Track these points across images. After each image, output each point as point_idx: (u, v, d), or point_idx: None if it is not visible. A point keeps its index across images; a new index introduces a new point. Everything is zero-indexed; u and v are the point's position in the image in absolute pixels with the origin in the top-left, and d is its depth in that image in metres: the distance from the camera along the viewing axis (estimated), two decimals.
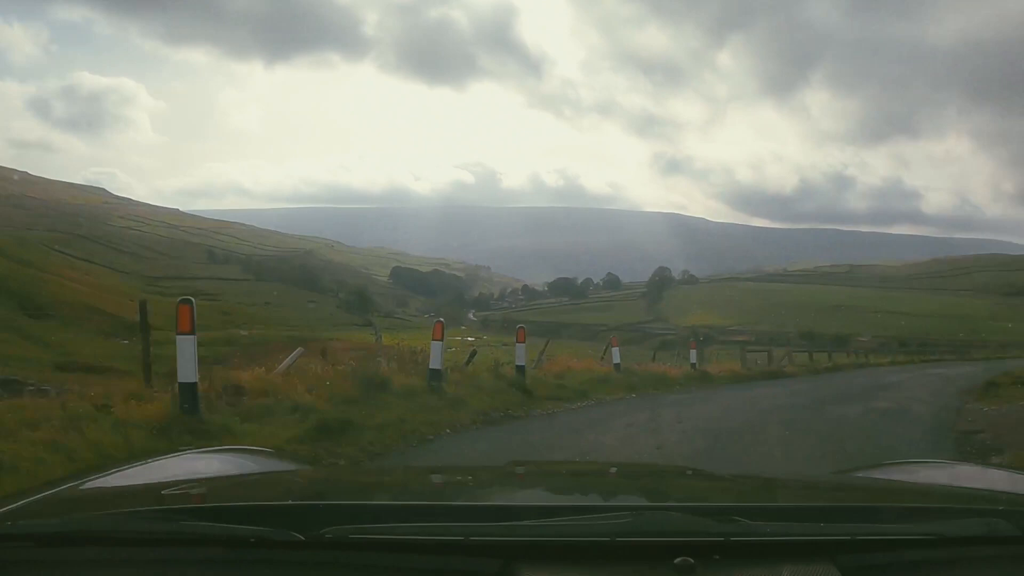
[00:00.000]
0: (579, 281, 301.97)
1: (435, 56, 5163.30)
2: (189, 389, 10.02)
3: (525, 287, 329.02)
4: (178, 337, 10.15)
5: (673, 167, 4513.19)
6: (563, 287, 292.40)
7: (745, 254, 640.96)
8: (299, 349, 15.72)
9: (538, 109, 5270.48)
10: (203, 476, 2.75)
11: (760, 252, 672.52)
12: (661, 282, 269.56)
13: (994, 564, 1.87)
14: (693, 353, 32.11)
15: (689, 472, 3.52)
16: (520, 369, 19.27)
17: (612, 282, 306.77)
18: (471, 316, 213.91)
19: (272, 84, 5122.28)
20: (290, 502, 2.20)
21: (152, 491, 2.33)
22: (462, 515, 1.95)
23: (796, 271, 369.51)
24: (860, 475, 3.44)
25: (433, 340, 16.12)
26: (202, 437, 9.30)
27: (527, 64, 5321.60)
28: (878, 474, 3.36)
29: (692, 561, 1.65)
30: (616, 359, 25.70)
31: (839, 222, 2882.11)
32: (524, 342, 20.01)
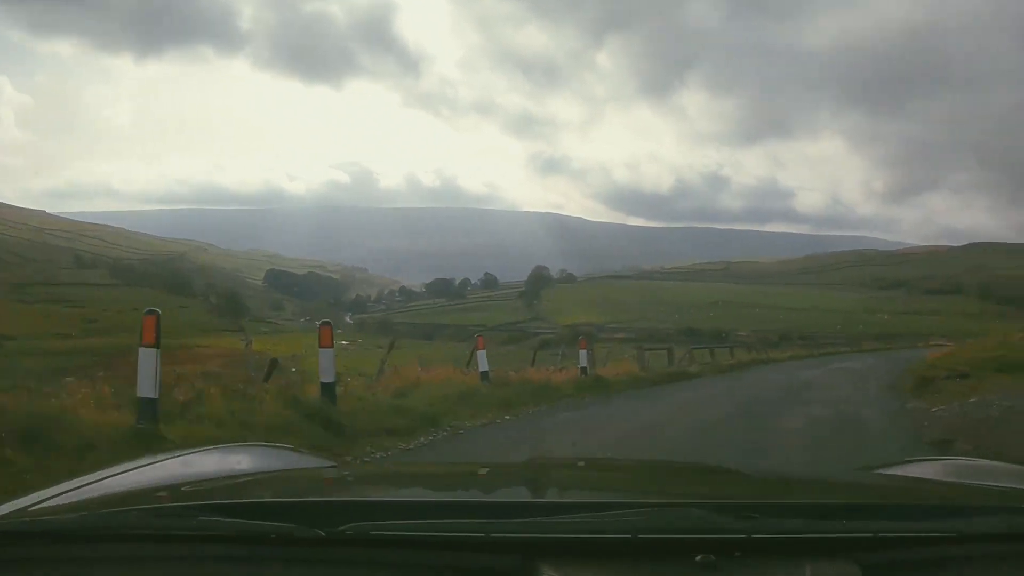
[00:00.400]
0: (457, 282, 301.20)
1: (312, 52, 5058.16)
2: None
3: (402, 288, 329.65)
4: None
5: (551, 167, 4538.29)
6: (441, 288, 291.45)
7: (623, 253, 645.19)
8: None
9: (416, 108, 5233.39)
10: (223, 472, 2.72)
11: (638, 251, 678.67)
12: (539, 281, 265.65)
13: (1015, 561, 1.85)
14: (583, 354, 25.61)
15: (710, 469, 3.70)
16: (327, 389, 12.53)
17: (490, 282, 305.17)
18: (348, 319, 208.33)
19: (144, 79, 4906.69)
20: (311, 498, 2.21)
21: (172, 487, 2.31)
22: (483, 511, 1.94)
23: (673, 269, 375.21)
24: (881, 472, 3.41)
25: (141, 346, 9.36)
26: None
27: (405, 62, 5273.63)
28: (898, 471, 3.35)
29: (714, 558, 1.65)
30: (483, 366, 19.84)
31: (715, 221, 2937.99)
32: (331, 346, 12.83)
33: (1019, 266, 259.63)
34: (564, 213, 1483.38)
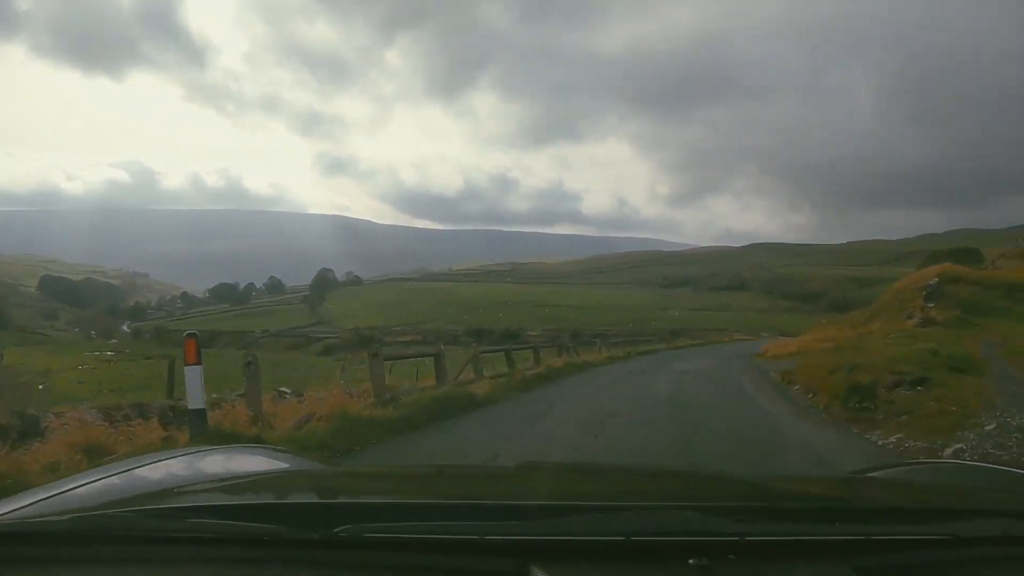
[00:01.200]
0: (241, 286, 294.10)
1: (93, 38, 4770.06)
2: None
3: (185, 294, 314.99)
4: None
5: (338, 167, 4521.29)
6: (225, 293, 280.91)
7: (411, 255, 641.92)
8: None
9: (199, 103, 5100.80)
10: (217, 474, 2.72)
11: (426, 253, 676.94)
12: (324, 284, 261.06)
13: (1009, 564, 1.85)
14: (194, 378, 9.94)
15: (703, 472, 4.02)
16: None
17: (275, 286, 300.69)
18: (125, 328, 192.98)
19: None
20: (304, 500, 2.21)
21: (165, 489, 2.32)
22: (477, 514, 1.91)
23: (462, 270, 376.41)
24: (875, 475, 3.44)
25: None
26: None
27: (190, 52, 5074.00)
28: (892, 474, 3.40)
29: (708, 561, 1.64)
30: None
31: (503, 223, 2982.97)
32: None
33: (799, 264, 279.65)
34: (351, 215, 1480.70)
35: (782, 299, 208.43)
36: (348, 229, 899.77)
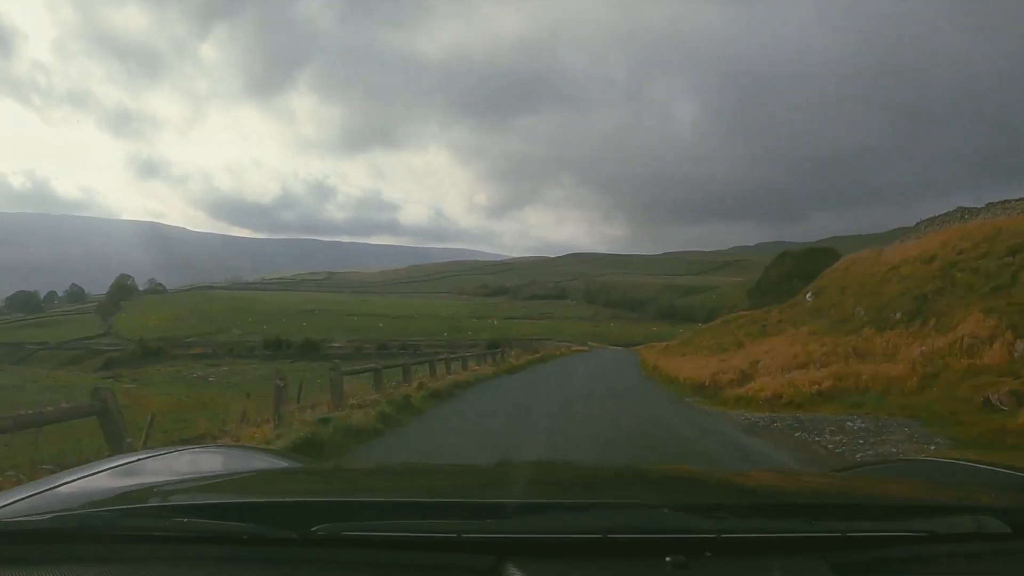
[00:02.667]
0: (43, 295, 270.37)
1: None
2: None
3: None
4: None
5: (151, 171, 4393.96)
6: (22, 301, 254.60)
7: (225, 264, 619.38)
8: None
9: (4, 96, 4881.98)
10: (197, 473, 2.72)
11: (241, 262, 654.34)
12: (121, 292, 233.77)
13: (983, 560, 1.84)
14: None
15: (680, 470, 3.88)
16: None
17: (76, 294, 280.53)
18: None
19: None
20: (283, 499, 2.16)
21: (145, 488, 2.29)
22: (455, 512, 1.90)
23: (274, 279, 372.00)
24: (851, 472, 3.56)
25: None
26: None
27: None
28: (869, 471, 3.51)
29: (684, 558, 1.63)
30: None
31: (320, 233, 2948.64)
32: None
33: (615, 273, 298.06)
34: (166, 222, 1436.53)
35: (605, 307, 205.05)
36: (161, 237, 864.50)
